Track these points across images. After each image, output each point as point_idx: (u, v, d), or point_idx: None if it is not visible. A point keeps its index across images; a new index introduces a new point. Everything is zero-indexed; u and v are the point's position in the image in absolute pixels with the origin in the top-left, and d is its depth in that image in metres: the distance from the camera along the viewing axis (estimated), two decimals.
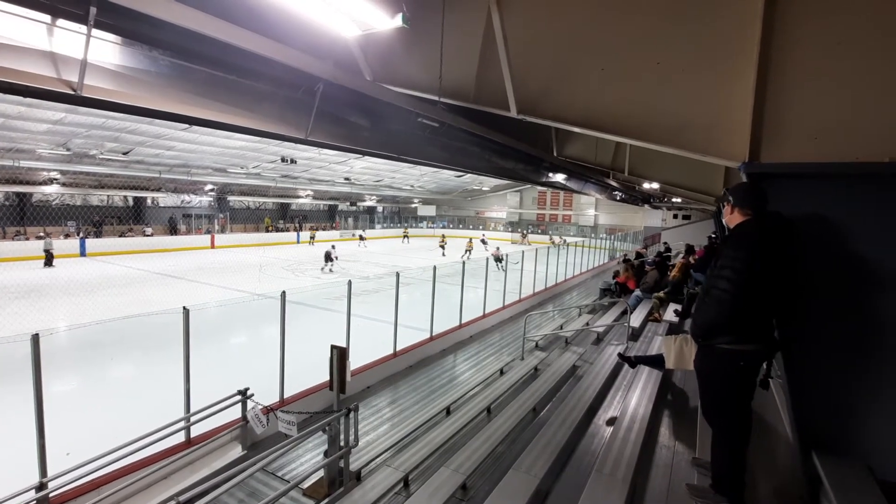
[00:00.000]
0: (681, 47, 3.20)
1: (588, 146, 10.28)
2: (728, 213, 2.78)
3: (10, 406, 6.22)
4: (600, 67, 3.58)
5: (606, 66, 3.57)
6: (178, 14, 2.27)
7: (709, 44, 3.05)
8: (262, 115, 3.40)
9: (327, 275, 19.07)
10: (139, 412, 5.60)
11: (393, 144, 4.60)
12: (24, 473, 3.81)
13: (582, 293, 16.63)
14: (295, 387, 6.08)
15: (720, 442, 2.91)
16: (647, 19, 3.24)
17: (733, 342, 2.65)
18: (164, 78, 2.75)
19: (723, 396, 2.83)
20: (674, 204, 25.65)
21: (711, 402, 2.95)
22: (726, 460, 2.85)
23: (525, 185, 41.57)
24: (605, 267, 23.52)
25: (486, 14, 3.54)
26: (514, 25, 3.46)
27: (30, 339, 3.80)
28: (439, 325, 9.13)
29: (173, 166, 22.51)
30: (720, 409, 2.88)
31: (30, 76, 2.25)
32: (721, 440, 2.90)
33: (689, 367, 5.01)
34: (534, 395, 5.78)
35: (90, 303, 12.74)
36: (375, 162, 25.55)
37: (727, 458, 2.84)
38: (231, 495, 4.32)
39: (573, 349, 8.06)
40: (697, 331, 2.81)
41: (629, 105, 3.62)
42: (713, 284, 2.64)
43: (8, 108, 13.80)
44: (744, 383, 2.74)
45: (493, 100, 3.93)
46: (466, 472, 3.96)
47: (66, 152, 18.16)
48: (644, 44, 3.34)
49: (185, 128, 16.54)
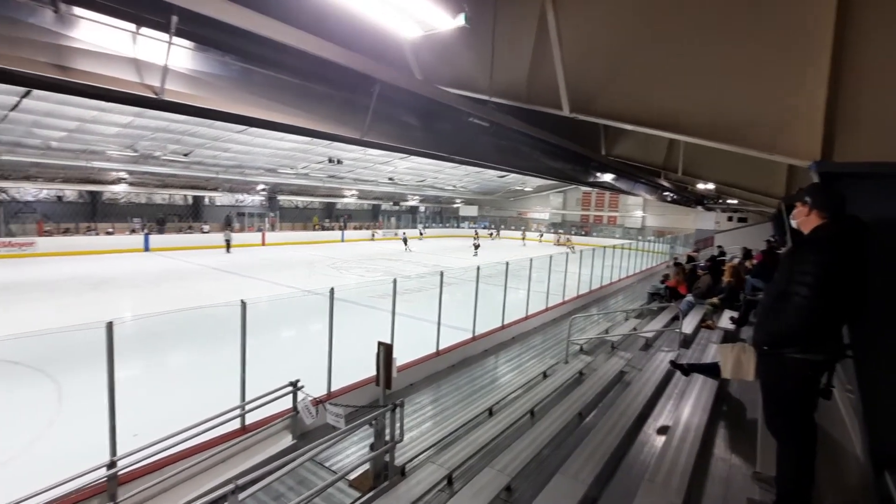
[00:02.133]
0: (746, 38, 3.03)
1: (639, 145, 9.93)
2: (802, 214, 2.61)
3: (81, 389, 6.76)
4: (658, 65, 3.46)
5: (665, 61, 3.45)
6: (253, 21, 2.39)
7: (778, 33, 2.87)
8: (321, 116, 3.52)
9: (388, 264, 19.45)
10: (197, 398, 5.93)
11: (443, 144, 4.64)
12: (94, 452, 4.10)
13: (628, 297, 16.11)
14: (341, 380, 6.24)
15: (786, 456, 2.76)
16: (710, 10, 3.10)
17: (802, 351, 2.52)
18: (233, 82, 2.91)
19: (789, 408, 2.69)
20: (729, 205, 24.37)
21: (777, 414, 2.81)
22: (793, 475, 2.70)
23: (570, 186, 40.74)
24: (653, 270, 22.67)
25: (539, 12, 3.51)
26: (569, 22, 3.40)
27: (104, 326, 4.10)
28: (481, 326, 9.12)
29: (229, 167, 23.69)
30: (787, 421, 2.73)
31: (117, 81, 2.44)
32: (787, 454, 2.75)
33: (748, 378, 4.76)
34: (579, 399, 5.66)
35: (153, 294, 13.63)
36: (419, 162, 25.82)
37: (794, 473, 2.70)
38: (282, 482, 4.50)
39: (620, 354, 7.82)
40: (767, 339, 2.67)
41: (689, 101, 3.48)
42: (794, 291, 2.49)
43: (84, 113, 14.96)
44: (810, 394, 2.63)
45: (545, 98, 3.88)
46: (511, 473, 3.93)
47: (133, 153, 19.50)
48: (706, 36, 3.20)
49: (241, 130, 17.36)
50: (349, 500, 4.24)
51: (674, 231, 34.30)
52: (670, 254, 25.72)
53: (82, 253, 21.30)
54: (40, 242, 20.76)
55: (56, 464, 4.40)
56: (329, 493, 4.33)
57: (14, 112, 14.18)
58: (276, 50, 2.69)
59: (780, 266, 2.80)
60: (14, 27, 2.07)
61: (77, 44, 2.28)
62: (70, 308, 11.43)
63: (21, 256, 19.62)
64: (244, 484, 3.33)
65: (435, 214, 49.17)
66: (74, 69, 2.28)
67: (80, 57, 2.29)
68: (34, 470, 4.69)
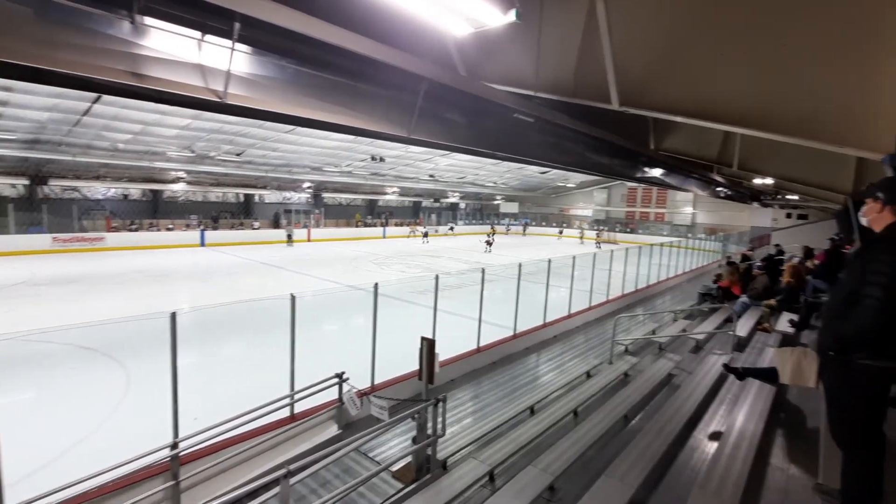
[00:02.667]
0: (813, 26, 2.84)
1: (691, 138, 9.51)
2: (874, 211, 2.44)
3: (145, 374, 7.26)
4: (716, 52, 3.30)
5: (723, 51, 3.28)
6: (309, 25, 2.49)
7: (848, 20, 2.67)
8: (369, 115, 3.61)
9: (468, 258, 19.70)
10: (249, 386, 6.23)
11: (487, 141, 4.63)
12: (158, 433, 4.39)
13: (676, 297, 15.49)
14: (383, 374, 6.37)
15: (853, 468, 2.60)
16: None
17: (873, 357, 2.36)
18: (288, 84, 3.04)
19: (857, 417, 2.53)
20: (788, 202, 22.93)
21: (843, 424, 2.64)
22: (860, 488, 2.54)
23: (614, 182, 39.56)
24: (704, 270, 21.67)
25: (589, 5, 3.42)
26: (620, 13, 3.30)
27: (168, 316, 4.38)
28: (522, 323, 9.05)
29: (277, 166, 24.67)
30: (853, 431, 2.56)
31: (185, 86, 2.61)
32: (854, 466, 2.59)
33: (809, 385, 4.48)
34: (625, 401, 5.51)
35: (208, 287, 14.41)
36: (460, 159, 25.87)
37: (861, 486, 2.54)
38: (328, 470, 4.67)
39: (668, 356, 7.55)
40: (834, 343, 2.52)
41: (748, 92, 3.30)
42: (865, 292, 2.33)
43: (147, 116, 15.98)
44: (880, 403, 2.49)
45: (593, 92, 3.79)
46: (554, 473, 3.89)
47: (190, 154, 20.68)
48: (769, 24, 3.02)
49: (289, 130, 18.01)
50: (392, 490, 4.34)
51: (726, 228, 32.60)
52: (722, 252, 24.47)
53: (145, 247, 22.82)
54: (109, 237, 22.40)
55: (125, 442, 4.76)
56: (373, 482, 4.45)
57: (86, 117, 15.35)
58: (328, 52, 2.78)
59: (849, 266, 2.63)
60: (95, 38, 2.25)
61: (149, 52, 2.46)
62: (135, 299, 12.27)
63: (92, 250, 21.22)
64: (295, 469, 3.48)
65: (475, 211, 49.07)
66: (148, 76, 2.45)
67: (153, 64, 2.47)
68: (105, 447, 5.08)
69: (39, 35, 2.15)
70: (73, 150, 18.61)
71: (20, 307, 11.02)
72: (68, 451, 5.17)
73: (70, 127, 16.28)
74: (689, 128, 8.81)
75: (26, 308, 10.93)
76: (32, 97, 13.32)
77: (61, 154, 18.52)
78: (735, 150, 9.03)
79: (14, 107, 14.16)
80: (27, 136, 17.09)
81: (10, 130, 16.39)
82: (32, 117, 15.19)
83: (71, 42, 2.21)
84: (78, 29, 2.25)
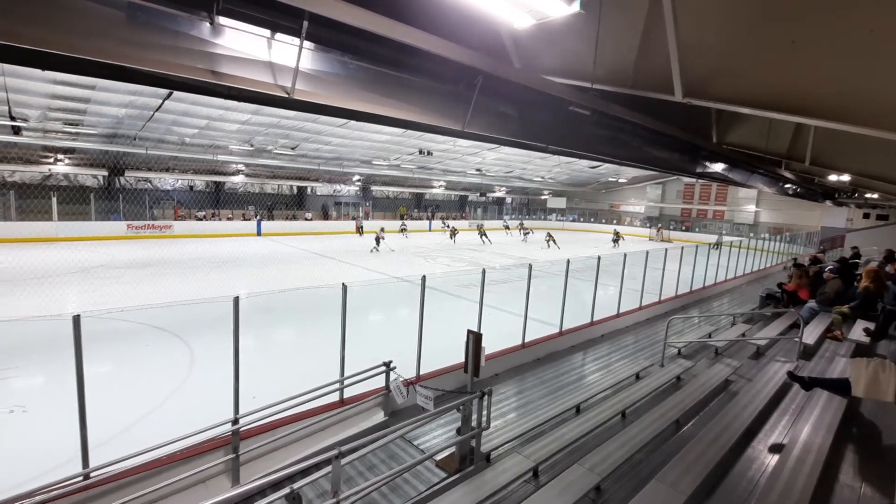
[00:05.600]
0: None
1: (758, 131, 8.92)
2: None
3: (208, 353, 7.77)
4: (790, 40, 3.07)
5: (798, 38, 3.06)
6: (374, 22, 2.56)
7: None
8: (424, 108, 3.65)
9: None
10: (302, 370, 6.52)
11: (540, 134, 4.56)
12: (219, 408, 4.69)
13: (735, 300, 14.66)
14: (428, 364, 6.47)
15: None
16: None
17: None
18: (350, 80, 3.14)
19: None
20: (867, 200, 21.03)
21: None
22: None
23: (670, 177, 37.82)
24: (767, 272, 20.35)
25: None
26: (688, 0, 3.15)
27: (231, 301, 4.65)
28: (568, 321, 8.89)
29: (329, 159, 25.50)
30: None
31: (256, 83, 2.77)
32: None
33: (886, 399, 4.17)
34: (677, 405, 5.31)
35: (264, 274, 15.15)
36: (508, 153, 25.65)
37: None
38: (375, 454, 4.82)
39: (725, 361, 7.18)
40: None
41: (826, 82, 3.07)
42: None
43: (212, 112, 16.96)
44: None
45: (654, 83, 3.64)
46: (601, 473, 3.82)
47: (250, 148, 21.78)
48: (849, 8, 2.78)
49: (342, 124, 18.54)
50: (436, 478, 4.43)
51: (793, 228, 30.39)
52: (789, 254, 22.85)
53: (207, 235, 24.32)
54: (176, 225, 24.04)
55: (190, 415, 5.14)
56: (417, 469, 4.55)
57: (158, 113, 16.51)
58: (390, 47, 2.85)
59: None
60: (178, 38, 2.44)
61: (225, 51, 2.63)
62: (200, 283, 13.11)
63: (161, 237, 22.87)
64: (346, 451, 3.62)
65: (522, 206, 48.48)
66: (224, 73, 2.62)
67: (228, 62, 2.63)
68: (173, 419, 5.51)
69: (128, 36, 2.36)
70: (146, 144, 20.13)
71: (102, 288, 12.08)
72: (142, 419, 5.64)
73: (144, 122, 17.57)
74: (757, 120, 8.27)
75: (107, 289, 11.96)
76: (111, 94, 14.48)
77: (136, 147, 20.08)
78: (808, 144, 8.39)
79: (96, 104, 15.46)
80: (107, 130, 18.64)
81: (92, 126, 17.93)
82: (111, 113, 16.53)
83: (156, 43, 2.40)
84: (163, 30, 2.44)
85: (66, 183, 23.04)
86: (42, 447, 4.97)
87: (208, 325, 8.97)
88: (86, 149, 20.38)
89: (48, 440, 5.06)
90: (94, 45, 2.41)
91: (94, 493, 3.72)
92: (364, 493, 3.82)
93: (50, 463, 4.44)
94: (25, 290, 11.21)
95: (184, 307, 9.66)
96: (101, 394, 6.04)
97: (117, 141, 19.71)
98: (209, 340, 8.27)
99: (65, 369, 3.71)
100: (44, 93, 14.17)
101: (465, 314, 7.21)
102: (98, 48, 2.41)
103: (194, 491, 4.15)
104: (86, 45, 2.29)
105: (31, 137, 17.97)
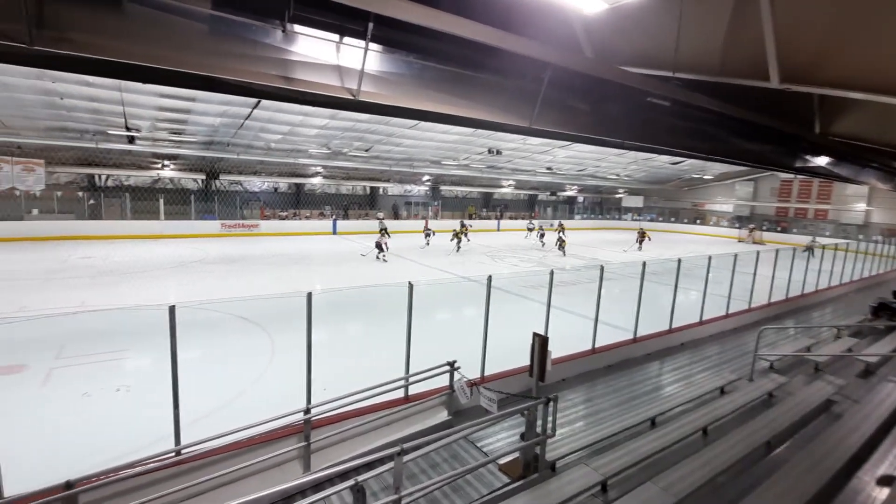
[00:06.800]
0: None
1: (870, 120, 7.79)
2: None
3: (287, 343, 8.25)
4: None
5: None
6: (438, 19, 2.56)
7: None
8: (489, 106, 3.58)
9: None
10: (369, 365, 6.72)
11: (614, 129, 4.29)
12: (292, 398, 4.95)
13: (840, 310, 13.01)
14: (492, 366, 6.39)
15: None
16: None
17: None
18: (414, 79, 3.17)
19: None
20: None
21: None
22: None
23: (764, 173, 34.39)
24: (880, 279, 17.84)
25: None
26: None
27: (305, 296, 4.90)
28: (644, 327, 8.36)
29: (400, 160, 26.23)
30: None
31: (325, 87, 2.88)
32: None
33: None
34: (768, 425, 4.79)
35: (338, 271, 15.90)
36: (580, 150, 24.75)
37: None
38: (437, 453, 4.84)
39: (827, 379, 6.38)
40: None
41: None
42: None
43: (293, 118, 18.13)
44: None
45: (745, 69, 3.28)
46: (678, 494, 3.54)
47: (327, 151, 22.99)
48: None
49: (412, 125, 18.96)
50: (498, 483, 4.35)
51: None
52: None
53: (288, 234, 26.06)
54: (262, 224, 26.02)
55: (267, 402, 5.48)
56: (480, 472, 4.50)
57: (248, 121, 17.94)
58: (452, 44, 2.82)
59: None
60: (255, 47, 2.59)
61: (297, 56, 2.76)
62: (281, 278, 14.05)
63: (249, 235, 24.88)
64: (408, 448, 3.67)
65: (594, 205, 46.58)
66: (295, 79, 2.76)
67: (299, 68, 2.76)
68: (253, 404, 5.91)
69: (210, 47, 2.55)
70: (237, 150, 22.05)
71: (199, 281, 13.35)
72: (227, 404, 6.12)
73: (235, 130, 19.19)
74: (870, 107, 7.22)
75: (203, 282, 13.20)
76: (208, 105, 15.98)
77: (228, 153, 22.03)
78: None
79: (196, 114, 17.13)
80: (204, 138, 20.61)
81: (192, 134, 19.90)
82: (208, 122, 18.24)
83: (234, 52, 2.57)
84: (240, 40, 2.61)
85: (171, 186, 25.76)
86: (141, 424, 5.54)
87: (286, 317, 9.55)
88: (187, 155, 22.71)
89: (146, 418, 5.64)
90: (182, 57, 2.63)
91: (185, 468, 4.08)
92: (426, 490, 3.84)
93: (146, 438, 4.94)
94: (137, 281, 12.72)
95: (268, 301, 10.38)
96: (192, 376, 6.67)
97: (213, 147, 21.73)
98: (287, 331, 8.80)
99: (165, 355, 4.11)
100: (152, 105, 15.94)
101: (532, 316, 7.03)
102: (184, 61, 2.63)
103: (270, 474, 4.42)
104: (174, 58, 2.51)
105: (143, 145, 20.33)
